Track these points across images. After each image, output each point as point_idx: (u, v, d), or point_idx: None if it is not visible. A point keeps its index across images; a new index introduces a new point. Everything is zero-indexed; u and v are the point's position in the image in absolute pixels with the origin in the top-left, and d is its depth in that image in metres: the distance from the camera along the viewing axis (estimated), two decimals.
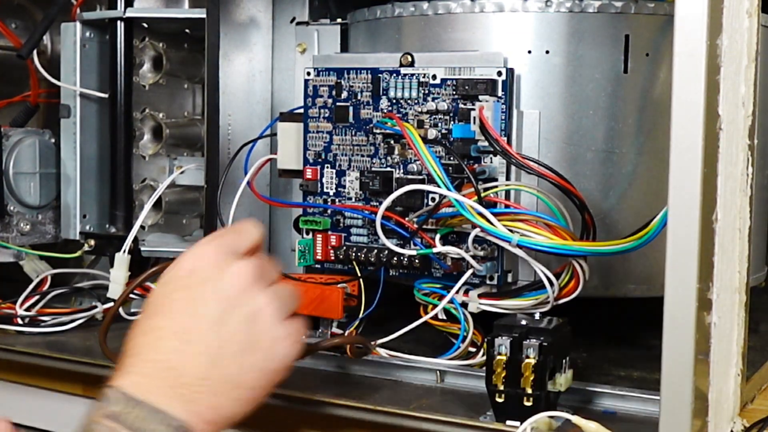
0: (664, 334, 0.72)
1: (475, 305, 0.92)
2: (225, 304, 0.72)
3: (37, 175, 1.21)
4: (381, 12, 1.04)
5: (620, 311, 1.19)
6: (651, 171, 0.96)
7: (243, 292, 0.73)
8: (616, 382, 0.92)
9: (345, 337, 0.94)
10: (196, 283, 0.72)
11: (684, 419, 0.72)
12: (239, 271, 0.73)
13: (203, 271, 0.73)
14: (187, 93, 1.28)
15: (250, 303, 0.73)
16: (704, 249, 0.71)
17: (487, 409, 0.83)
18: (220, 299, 0.72)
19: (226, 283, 0.73)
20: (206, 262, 0.74)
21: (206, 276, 0.73)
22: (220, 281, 0.73)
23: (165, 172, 1.23)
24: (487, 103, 0.90)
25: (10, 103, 1.27)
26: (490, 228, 0.87)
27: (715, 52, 0.71)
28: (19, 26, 1.30)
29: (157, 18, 1.17)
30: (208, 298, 0.72)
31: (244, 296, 0.73)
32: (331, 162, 0.99)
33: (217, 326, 0.71)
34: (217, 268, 0.73)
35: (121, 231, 1.17)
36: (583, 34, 0.95)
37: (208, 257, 0.74)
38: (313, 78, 1.00)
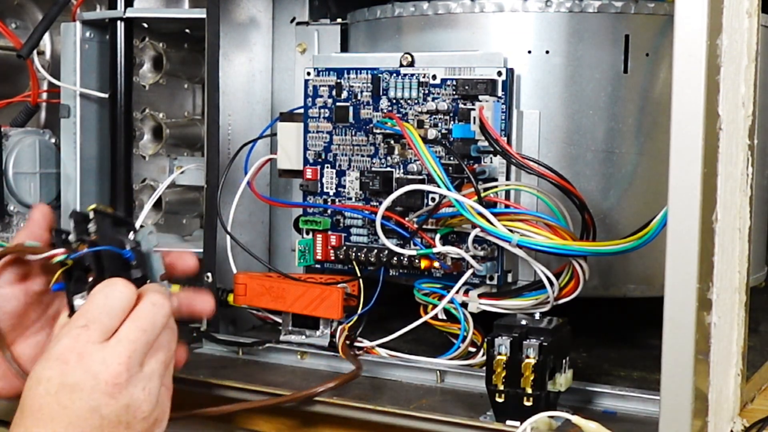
0: (664, 334, 0.72)
1: (475, 305, 0.92)
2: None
3: (37, 175, 1.21)
4: (381, 12, 1.04)
5: (620, 311, 1.19)
6: (651, 171, 0.96)
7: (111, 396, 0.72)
8: (616, 382, 0.92)
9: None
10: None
11: (684, 419, 0.72)
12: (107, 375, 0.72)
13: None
14: (187, 93, 1.28)
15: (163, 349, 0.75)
16: (704, 249, 0.71)
17: (487, 409, 0.83)
18: (102, 393, 0.71)
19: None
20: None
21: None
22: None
23: (165, 172, 1.23)
24: (487, 103, 0.90)
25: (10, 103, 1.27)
26: (490, 228, 0.87)
27: (715, 52, 0.71)
28: (19, 26, 1.30)
29: (157, 18, 1.17)
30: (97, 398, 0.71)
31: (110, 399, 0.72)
32: (331, 162, 0.99)
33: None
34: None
35: None
36: (583, 34, 0.95)
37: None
38: (313, 78, 1.00)
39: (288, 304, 0.98)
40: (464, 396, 0.89)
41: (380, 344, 0.97)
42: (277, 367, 0.99)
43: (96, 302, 0.73)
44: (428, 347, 1.01)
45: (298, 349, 0.99)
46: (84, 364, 0.70)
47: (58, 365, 0.70)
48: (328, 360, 0.98)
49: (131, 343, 0.72)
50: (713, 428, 0.77)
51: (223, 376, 0.95)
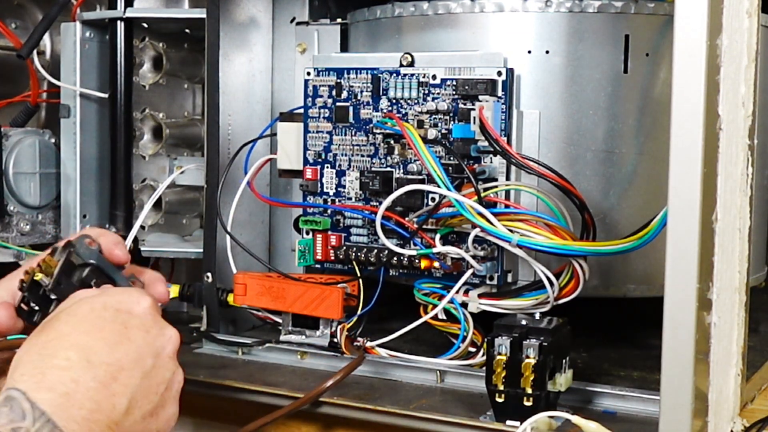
0: (664, 334, 0.72)
1: (475, 305, 0.92)
2: (156, 361, 0.70)
3: (37, 175, 1.21)
4: (381, 12, 1.04)
5: (620, 311, 1.19)
6: (651, 171, 0.96)
7: (170, 358, 0.72)
8: (616, 382, 0.92)
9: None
10: (135, 325, 0.71)
11: (684, 419, 0.72)
12: (174, 337, 0.73)
13: (143, 318, 0.72)
14: (187, 93, 1.28)
15: (171, 370, 0.72)
16: (704, 249, 0.71)
17: (487, 409, 0.83)
18: (154, 354, 0.70)
19: (163, 343, 0.72)
20: (145, 311, 0.72)
21: (146, 325, 0.71)
22: (159, 337, 0.72)
23: (165, 172, 1.23)
24: (487, 103, 0.90)
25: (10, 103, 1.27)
26: (490, 228, 0.87)
27: (715, 52, 0.71)
28: (19, 26, 1.30)
29: (157, 18, 1.17)
30: (145, 348, 0.70)
31: (170, 362, 0.72)
32: (331, 162, 0.99)
33: (145, 379, 0.69)
34: (156, 323, 0.72)
35: (121, 231, 1.17)
36: (583, 34, 0.95)
37: (145, 306, 0.73)
38: (313, 78, 1.00)
39: (288, 304, 0.98)
40: (464, 396, 0.89)
41: (380, 344, 0.97)
42: (277, 367, 0.99)
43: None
44: (428, 347, 1.01)
45: (298, 349, 0.99)
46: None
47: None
48: (328, 360, 0.98)
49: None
50: (713, 428, 0.77)
51: (223, 376, 0.95)
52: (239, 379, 0.93)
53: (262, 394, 0.91)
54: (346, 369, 0.89)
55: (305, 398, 0.88)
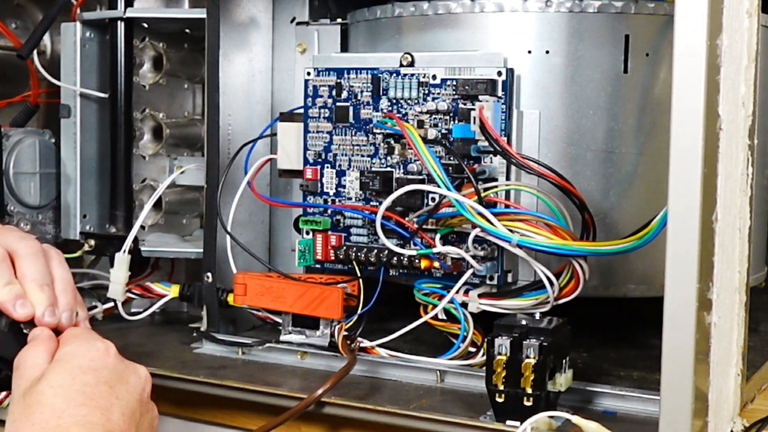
0: (664, 334, 0.72)
1: (475, 305, 0.92)
2: (142, 408, 0.74)
3: (37, 175, 1.21)
4: (381, 12, 1.04)
5: (620, 311, 1.19)
6: (651, 171, 0.96)
7: (148, 399, 0.76)
8: (616, 382, 0.92)
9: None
10: (116, 381, 0.73)
11: (684, 419, 0.72)
12: (146, 375, 0.77)
13: (117, 369, 0.74)
14: (187, 93, 1.28)
15: (152, 410, 0.76)
16: (704, 249, 0.71)
17: (487, 409, 0.83)
18: (139, 402, 0.74)
19: (141, 386, 0.75)
20: (115, 360, 0.75)
21: (123, 376, 0.74)
22: (137, 383, 0.75)
23: (165, 172, 1.23)
24: (487, 103, 0.90)
25: (10, 103, 1.27)
26: (490, 228, 0.87)
27: (715, 52, 0.71)
28: (19, 26, 1.30)
29: (157, 18, 1.17)
30: (132, 401, 0.73)
31: (150, 402, 0.76)
32: (331, 162, 0.99)
33: (137, 430, 0.73)
34: (128, 369, 0.75)
35: (121, 231, 1.17)
36: (583, 34, 0.95)
37: (113, 354, 0.75)
38: (313, 78, 1.00)
39: (288, 304, 0.98)
40: (464, 396, 0.89)
41: (380, 344, 0.97)
42: (277, 367, 0.99)
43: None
44: (428, 347, 1.01)
45: (298, 349, 0.99)
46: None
47: None
48: (328, 360, 0.98)
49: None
50: (713, 428, 0.77)
51: (223, 376, 0.95)
52: (239, 379, 0.93)
53: (262, 394, 0.91)
54: (337, 375, 0.89)
55: (300, 406, 0.87)
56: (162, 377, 0.96)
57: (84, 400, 0.70)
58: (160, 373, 0.96)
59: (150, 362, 0.98)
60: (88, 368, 0.73)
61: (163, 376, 0.96)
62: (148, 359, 1.00)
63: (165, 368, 0.97)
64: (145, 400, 0.75)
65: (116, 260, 1.08)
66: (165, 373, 0.96)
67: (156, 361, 0.99)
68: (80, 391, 0.71)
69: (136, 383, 0.75)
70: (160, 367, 0.97)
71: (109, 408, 0.71)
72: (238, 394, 0.92)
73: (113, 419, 0.70)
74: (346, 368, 0.90)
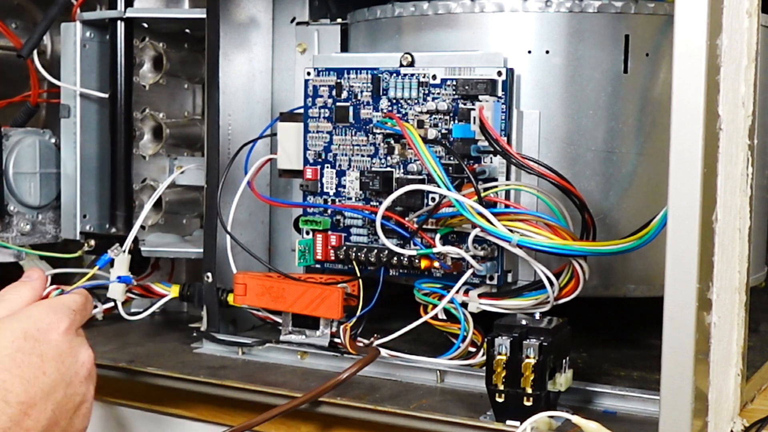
0: (664, 334, 0.72)
1: (475, 305, 0.92)
2: (68, 389, 0.74)
3: (37, 175, 1.21)
4: (381, 12, 1.04)
5: (620, 311, 1.19)
6: (651, 171, 0.96)
7: (81, 383, 0.76)
8: (616, 382, 0.92)
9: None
10: (51, 357, 0.74)
11: (684, 419, 0.72)
12: (87, 361, 0.77)
13: (59, 346, 0.75)
14: (187, 93, 1.28)
15: (80, 394, 0.76)
16: (704, 249, 0.71)
17: (487, 409, 0.83)
18: (66, 384, 0.74)
19: (76, 370, 0.75)
20: (61, 337, 0.75)
21: (62, 354, 0.75)
22: (72, 365, 0.75)
23: (165, 172, 1.22)
24: (487, 103, 0.90)
25: (10, 103, 1.27)
26: (490, 228, 0.87)
27: (715, 52, 0.71)
28: (19, 26, 1.30)
29: (157, 18, 1.17)
30: (58, 380, 0.74)
31: (81, 386, 0.76)
32: (331, 162, 0.99)
33: (56, 409, 0.73)
34: (71, 350, 0.76)
35: (121, 231, 1.17)
36: (583, 34, 0.95)
37: (62, 330, 0.76)
38: (313, 78, 1.00)
39: (288, 304, 0.98)
40: (464, 396, 0.89)
41: (380, 344, 0.97)
42: (277, 367, 0.99)
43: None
44: (428, 347, 1.01)
45: (298, 349, 0.99)
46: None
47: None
48: (328, 360, 0.98)
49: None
50: (713, 428, 0.77)
51: (223, 376, 0.95)
52: (239, 379, 0.93)
53: (262, 394, 0.91)
54: (363, 361, 0.89)
55: (323, 388, 0.88)
56: (162, 377, 0.96)
57: (10, 366, 0.71)
58: (160, 373, 0.96)
59: (150, 362, 0.98)
60: (30, 337, 0.74)
61: (163, 376, 0.96)
62: (148, 359, 1.00)
63: (165, 368, 0.97)
64: (75, 383, 0.75)
65: (116, 260, 1.08)
66: (165, 373, 0.96)
67: (156, 361, 0.99)
68: (11, 356, 0.72)
69: (71, 365, 0.75)
70: (160, 367, 0.97)
71: (31, 381, 0.71)
72: (238, 394, 0.92)
73: (31, 392, 0.71)
74: (370, 357, 0.90)
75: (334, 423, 0.90)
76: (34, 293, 0.80)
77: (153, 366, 0.97)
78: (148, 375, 0.97)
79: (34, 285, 0.80)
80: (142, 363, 0.99)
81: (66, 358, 0.75)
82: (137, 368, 0.98)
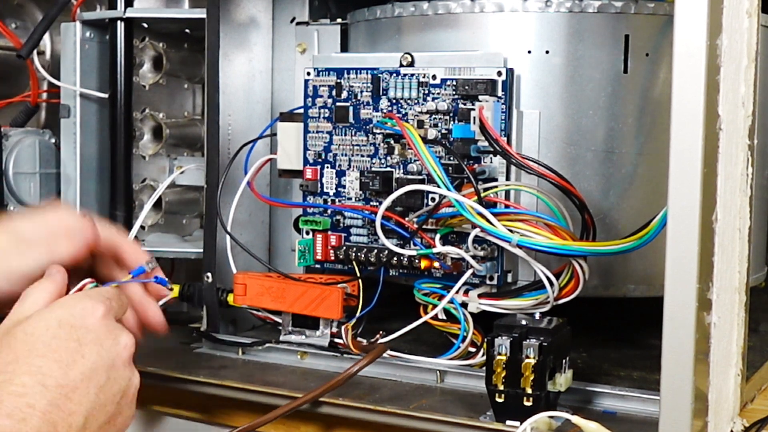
0: (664, 334, 0.72)
1: (475, 305, 0.92)
2: (111, 373, 0.73)
3: (37, 175, 1.21)
4: (381, 12, 1.04)
5: (620, 311, 1.19)
6: (651, 171, 0.96)
7: (125, 366, 0.74)
8: (616, 382, 0.92)
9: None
10: (89, 341, 0.72)
11: (684, 419, 0.72)
12: (129, 344, 0.75)
13: (97, 330, 0.73)
14: (187, 93, 1.28)
15: (126, 378, 0.74)
16: (704, 249, 0.71)
17: (487, 409, 0.83)
18: (108, 367, 0.73)
19: (117, 352, 0.74)
20: (98, 322, 0.74)
21: (100, 338, 0.73)
22: (113, 347, 0.74)
23: (165, 172, 1.23)
24: (487, 103, 0.90)
25: (10, 103, 1.27)
26: (490, 228, 0.87)
27: (715, 52, 0.71)
28: (19, 26, 1.30)
29: (157, 18, 1.17)
30: (99, 363, 0.72)
31: (125, 370, 0.74)
32: (331, 162, 0.99)
33: (100, 393, 0.71)
34: (110, 333, 0.74)
35: None
36: (583, 34, 0.95)
37: (99, 316, 0.74)
38: (313, 78, 1.00)
39: (288, 304, 0.98)
40: (464, 396, 0.89)
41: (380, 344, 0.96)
42: (277, 367, 0.99)
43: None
44: (428, 347, 1.01)
45: (298, 349, 0.99)
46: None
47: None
48: (328, 360, 0.98)
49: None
50: (713, 428, 0.77)
51: (223, 376, 0.95)
52: (239, 379, 0.93)
53: (262, 394, 0.91)
54: (371, 355, 0.89)
55: (333, 383, 0.88)
56: (162, 377, 0.96)
57: (46, 352, 0.70)
58: (160, 373, 0.96)
59: (150, 362, 0.98)
60: (66, 323, 0.72)
61: (163, 376, 0.96)
62: (148, 359, 1.00)
63: (165, 368, 0.97)
64: (118, 365, 0.73)
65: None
66: (165, 373, 0.96)
67: (156, 361, 0.99)
68: (46, 343, 0.70)
69: (111, 348, 0.74)
70: (160, 367, 0.97)
71: (70, 364, 0.70)
72: (238, 394, 0.92)
73: (71, 376, 0.69)
74: (378, 352, 0.90)
75: (334, 423, 0.90)
76: (56, 287, 0.78)
77: (153, 366, 0.97)
78: (148, 375, 0.97)
79: (56, 279, 0.79)
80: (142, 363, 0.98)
81: (105, 341, 0.73)
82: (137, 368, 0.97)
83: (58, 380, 0.69)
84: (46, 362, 0.69)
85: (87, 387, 0.70)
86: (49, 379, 0.68)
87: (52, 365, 0.69)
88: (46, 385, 0.68)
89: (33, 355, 0.69)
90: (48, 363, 0.69)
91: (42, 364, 0.69)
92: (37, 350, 0.70)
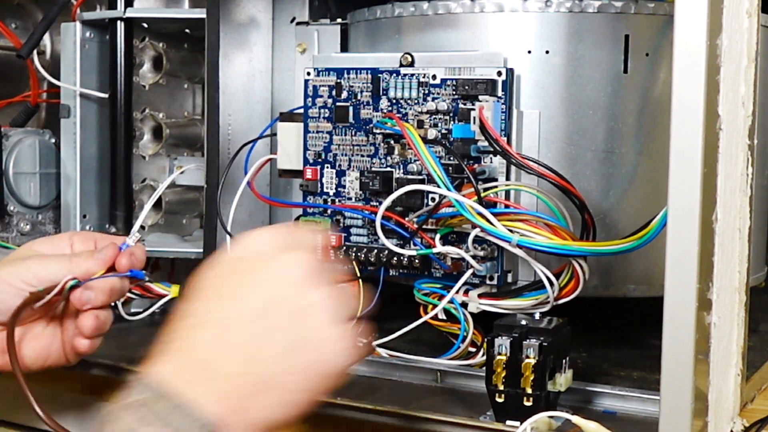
0: (664, 334, 0.72)
1: (475, 305, 0.92)
2: (272, 294, 0.65)
3: (37, 175, 1.21)
4: (381, 12, 1.04)
5: (620, 311, 1.19)
6: (651, 171, 0.96)
7: (293, 285, 0.65)
8: (616, 382, 0.92)
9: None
10: (246, 268, 0.66)
11: (684, 419, 0.72)
12: (293, 261, 0.66)
13: (256, 256, 0.67)
14: (187, 93, 1.28)
15: (300, 297, 0.65)
16: (704, 249, 0.71)
17: (487, 409, 0.83)
18: (267, 289, 0.65)
19: (277, 272, 0.66)
20: (260, 248, 0.67)
21: (258, 262, 0.66)
22: (271, 269, 0.66)
23: (165, 172, 1.23)
24: (487, 103, 0.90)
25: (10, 103, 1.27)
26: (490, 228, 0.87)
27: (715, 52, 0.71)
28: (19, 26, 1.30)
29: (157, 18, 1.17)
30: (255, 286, 0.65)
31: (294, 289, 0.65)
32: (331, 162, 0.99)
33: (259, 319, 0.64)
34: (271, 256, 0.67)
35: (121, 231, 1.17)
36: (583, 34, 0.95)
37: (263, 243, 0.67)
38: (313, 78, 1.00)
39: None
40: (464, 396, 0.89)
41: (380, 344, 0.97)
42: None
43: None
44: (428, 347, 1.01)
45: None
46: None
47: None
48: None
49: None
50: (713, 428, 0.77)
51: None
52: None
53: None
54: (362, 350, 0.88)
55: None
56: None
57: (263, 335, 0.64)
58: None
59: None
60: (286, 306, 0.65)
61: None
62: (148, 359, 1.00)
63: None
64: (287, 291, 0.65)
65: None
66: None
67: None
68: (266, 328, 0.64)
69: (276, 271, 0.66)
70: None
71: (286, 352, 0.64)
72: None
73: (282, 366, 0.64)
74: (363, 352, 0.90)
75: (333, 423, 0.89)
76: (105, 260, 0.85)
77: None
78: None
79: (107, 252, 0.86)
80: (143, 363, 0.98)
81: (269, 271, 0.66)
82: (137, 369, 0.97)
83: (269, 367, 0.64)
84: (262, 345, 0.64)
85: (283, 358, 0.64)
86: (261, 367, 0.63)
87: (265, 353, 0.64)
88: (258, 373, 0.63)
89: (251, 334, 0.64)
90: (264, 348, 0.64)
91: (259, 345, 0.64)
92: (256, 329, 0.64)
